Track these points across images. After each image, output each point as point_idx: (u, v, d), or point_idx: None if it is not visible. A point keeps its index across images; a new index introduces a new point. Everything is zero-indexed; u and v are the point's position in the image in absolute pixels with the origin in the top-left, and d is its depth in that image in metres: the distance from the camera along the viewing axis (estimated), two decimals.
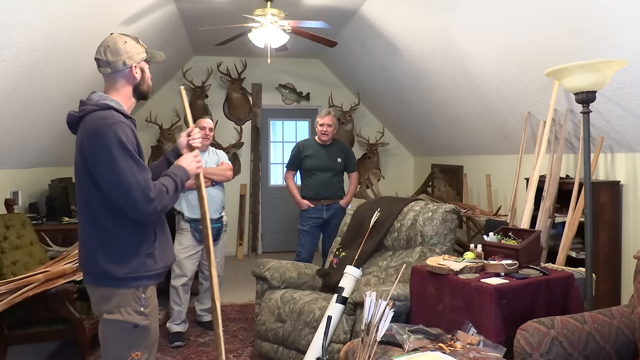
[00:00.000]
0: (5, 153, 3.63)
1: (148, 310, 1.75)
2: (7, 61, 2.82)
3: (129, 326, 1.71)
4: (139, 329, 1.72)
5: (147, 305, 1.75)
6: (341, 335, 2.69)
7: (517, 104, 3.80)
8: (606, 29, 2.59)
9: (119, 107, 1.75)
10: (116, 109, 1.72)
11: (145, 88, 1.86)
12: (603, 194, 3.16)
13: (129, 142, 1.65)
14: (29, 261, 3.23)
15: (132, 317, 1.71)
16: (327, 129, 4.13)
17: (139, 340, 1.74)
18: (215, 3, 4.41)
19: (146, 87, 1.86)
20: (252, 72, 6.61)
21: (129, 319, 1.71)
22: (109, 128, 1.63)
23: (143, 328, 1.73)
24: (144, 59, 1.83)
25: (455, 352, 1.95)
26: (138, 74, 1.81)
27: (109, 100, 1.75)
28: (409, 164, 7.21)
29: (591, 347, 1.92)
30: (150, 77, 1.88)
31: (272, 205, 6.93)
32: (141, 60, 1.82)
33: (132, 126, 1.76)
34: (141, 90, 1.85)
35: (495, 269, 2.41)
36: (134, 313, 1.72)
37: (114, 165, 1.61)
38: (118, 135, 1.63)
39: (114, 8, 3.50)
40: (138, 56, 1.80)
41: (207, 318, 3.82)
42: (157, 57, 1.89)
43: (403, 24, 4.23)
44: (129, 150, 1.64)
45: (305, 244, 4.15)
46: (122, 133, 1.64)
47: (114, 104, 1.73)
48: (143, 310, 1.73)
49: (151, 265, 1.74)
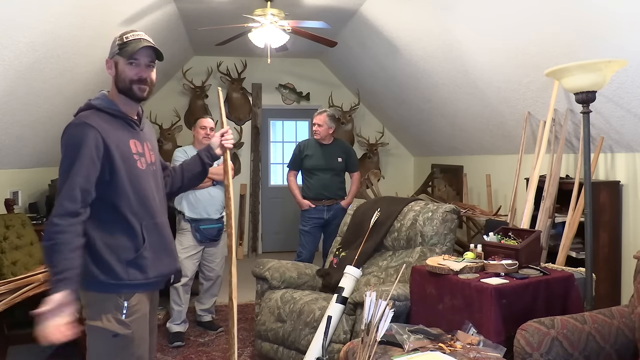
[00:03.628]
0: (5, 153, 3.63)
1: (130, 320, 1.67)
2: (7, 61, 2.82)
3: (109, 334, 1.64)
4: (118, 338, 1.65)
5: (130, 314, 1.67)
6: (341, 335, 2.69)
7: (517, 104, 3.80)
8: (606, 29, 2.59)
9: (107, 105, 1.71)
10: (99, 107, 1.69)
11: (122, 85, 1.71)
12: (603, 194, 3.16)
13: (90, 148, 1.60)
14: (29, 261, 3.23)
15: (111, 325, 1.64)
16: (318, 128, 4.12)
17: (120, 350, 1.66)
18: (215, 3, 4.41)
19: (122, 83, 1.71)
20: (252, 72, 6.61)
21: (109, 327, 1.64)
22: (69, 128, 1.63)
23: (123, 337, 1.66)
24: (115, 52, 1.72)
25: (455, 352, 1.95)
26: (111, 69, 1.73)
27: (99, 99, 1.73)
28: (409, 164, 7.20)
29: (591, 347, 1.92)
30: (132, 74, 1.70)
31: (272, 205, 6.93)
32: (113, 54, 1.72)
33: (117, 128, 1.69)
34: (121, 88, 1.72)
35: (495, 269, 2.41)
36: (114, 321, 1.65)
37: (64, 167, 1.61)
38: (73, 137, 1.61)
39: (114, 8, 3.50)
40: (112, 50, 1.73)
41: (207, 318, 3.82)
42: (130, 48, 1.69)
43: (403, 24, 4.23)
44: (83, 159, 1.59)
45: (306, 244, 4.15)
46: (78, 136, 1.61)
47: (97, 103, 1.71)
48: (124, 319, 1.66)
49: (135, 275, 1.67)
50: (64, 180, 1.60)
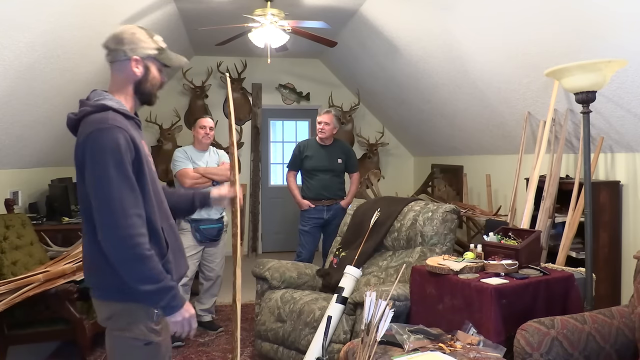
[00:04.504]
0: (5, 153, 3.63)
1: (160, 327, 1.61)
2: (7, 61, 2.82)
3: (140, 344, 1.57)
4: (151, 346, 1.59)
5: (160, 321, 1.60)
6: (341, 335, 2.69)
7: (517, 104, 3.80)
8: (606, 28, 2.59)
9: (120, 106, 1.57)
10: (115, 108, 1.54)
11: (148, 89, 1.64)
12: (603, 194, 3.16)
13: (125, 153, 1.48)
14: (29, 261, 3.23)
15: (144, 334, 1.57)
16: (325, 127, 4.11)
17: (152, 358, 1.61)
18: (215, 3, 4.41)
19: (149, 87, 1.64)
20: (252, 72, 6.60)
21: (140, 336, 1.57)
22: (101, 134, 1.46)
23: (155, 345, 1.60)
24: (151, 55, 1.62)
25: (455, 352, 1.95)
26: (139, 69, 1.61)
27: (108, 98, 1.56)
28: (409, 164, 7.20)
29: (591, 347, 1.92)
30: (160, 80, 1.67)
31: (272, 205, 6.93)
32: (146, 55, 1.62)
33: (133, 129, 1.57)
34: (143, 90, 1.63)
35: (495, 269, 2.41)
36: (146, 330, 1.57)
37: (105, 177, 1.45)
38: (112, 144, 1.46)
39: (114, 8, 3.50)
40: (143, 50, 1.60)
41: (207, 318, 3.82)
42: (173, 60, 1.67)
43: (403, 24, 4.23)
44: (124, 168, 1.46)
45: (305, 245, 4.15)
46: (117, 140, 1.47)
47: (112, 103, 1.55)
48: (154, 326, 1.59)
49: None
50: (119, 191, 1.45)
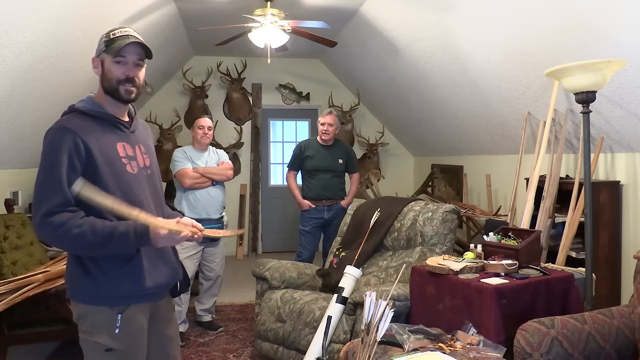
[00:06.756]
0: (5, 153, 3.63)
1: (124, 333, 1.56)
2: (7, 61, 2.82)
3: (102, 348, 1.55)
4: (112, 353, 1.55)
5: (124, 328, 1.56)
6: (341, 335, 2.69)
7: (517, 104, 3.80)
8: (606, 28, 2.59)
9: (91, 107, 1.62)
10: (82, 110, 1.60)
11: (107, 85, 1.61)
12: (603, 194, 3.16)
13: (64, 154, 1.50)
14: (29, 261, 3.23)
15: (104, 339, 1.54)
16: (329, 128, 4.12)
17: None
18: (215, 3, 4.41)
19: (107, 83, 1.61)
20: (252, 72, 6.61)
21: (101, 341, 1.55)
22: (47, 134, 1.56)
23: (117, 353, 1.55)
24: (102, 49, 1.61)
25: (455, 352, 1.95)
26: (98, 68, 1.63)
27: (83, 101, 1.64)
28: (409, 164, 7.20)
29: (591, 347, 1.92)
30: (116, 73, 1.60)
31: (272, 205, 6.93)
32: (100, 51, 1.61)
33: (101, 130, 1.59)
34: (107, 88, 1.62)
35: (495, 269, 2.41)
36: (107, 335, 1.55)
37: (38, 175, 1.51)
38: (51, 143, 1.53)
39: (114, 8, 3.50)
40: (98, 47, 1.62)
41: (207, 318, 3.82)
42: (115, 46, 1.58)
43: (403, 24, 4.23)
44: (56, 168, 1.49)
45: (306, 245, 4.15)
46: (57, 141, 1.52)
47: (79, 105, 1.62)
48: (117, 333, 1.55)
49: (128, 286, 1.57)
50: (44, 187, 1.49)
